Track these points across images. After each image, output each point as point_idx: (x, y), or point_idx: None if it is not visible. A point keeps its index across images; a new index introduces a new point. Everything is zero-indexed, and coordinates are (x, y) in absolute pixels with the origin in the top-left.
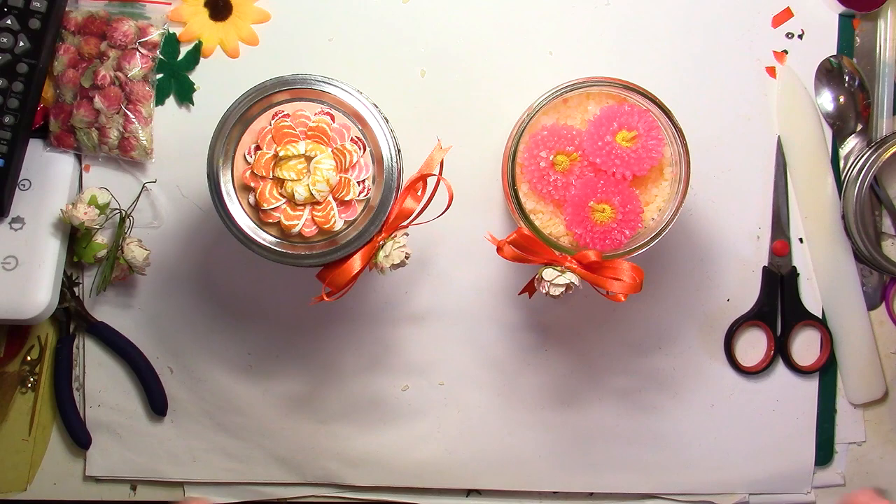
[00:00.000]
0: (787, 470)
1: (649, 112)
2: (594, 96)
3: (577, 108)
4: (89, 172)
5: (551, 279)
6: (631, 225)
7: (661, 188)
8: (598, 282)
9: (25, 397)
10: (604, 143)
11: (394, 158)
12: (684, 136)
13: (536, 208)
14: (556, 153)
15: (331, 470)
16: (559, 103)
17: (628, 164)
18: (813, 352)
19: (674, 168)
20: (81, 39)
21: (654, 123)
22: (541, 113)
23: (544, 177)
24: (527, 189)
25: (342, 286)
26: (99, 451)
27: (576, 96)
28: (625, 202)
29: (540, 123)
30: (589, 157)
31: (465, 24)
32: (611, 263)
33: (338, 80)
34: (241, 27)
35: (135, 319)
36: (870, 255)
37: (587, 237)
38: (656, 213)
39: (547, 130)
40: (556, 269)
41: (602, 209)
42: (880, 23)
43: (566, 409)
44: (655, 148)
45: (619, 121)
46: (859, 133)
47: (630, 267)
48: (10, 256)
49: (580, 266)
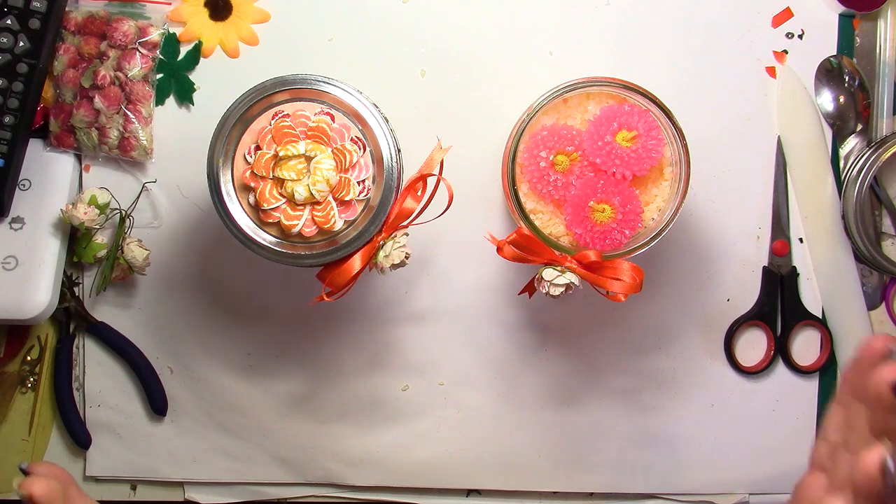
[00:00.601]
0: (787, 470)
1: (649, 112)
2: (594, 96)
3: (577, 108)
4: (89, 172)
5: (551, 279)
6: (631, 225)
7: (661, 188)
8: (598, 282)
9: (25, 397)
10: (604, 142)
11: (394, 158)
12: (684, 136)
13: (536, 208)
14: (556, 153)
15: (331, 470)
16: (559, 103)
17: (628, 164)
18: (813, 352)
19: (674, 168)
20: (81, 39)
21: (655, 123)
22: (541, 113)
23: (544, 177)
24: (527, 189)
25: (342, 286)
26: (99, 451)
27: (576, 96)
28: (625, 202)
29: (540, 123)
30: (589, 157)
31: (465, 24)
32: (611, 263)
33: (338, 80)
34: (241, 27)
35: (135, 319)
36: (870, 255)
37: (587, 237)
38: (656, 213)
39: (547, 130)
40: (556, 269)
41: (602, 209)
42: (880, 23)
43: (566, 409)
44: (655, 148)
45: (620, 121)
46: (859, 133)
47: (630, 267)
48: (10, 256)
49: (580, 266)
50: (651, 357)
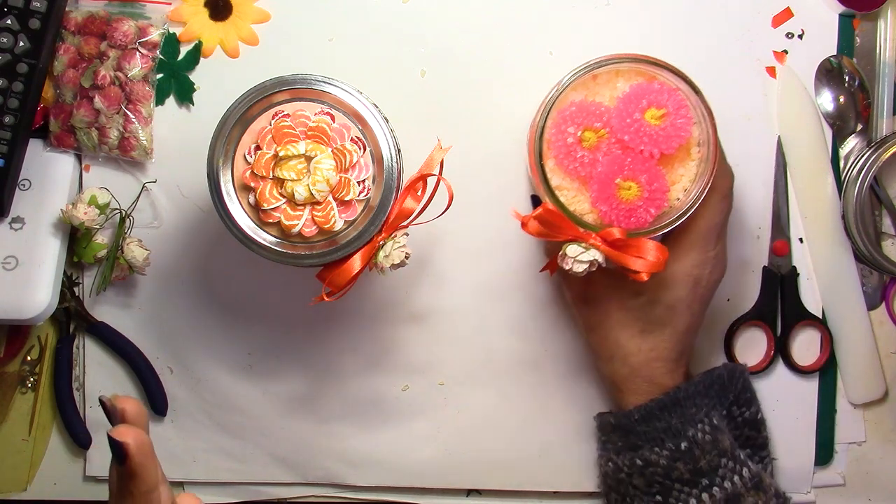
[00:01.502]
0: (787, 470)
1: (679, 90)
2: (623, 73)
3: (606, 84)
4: (89, 172)
5: (575, 255)
6: (657, 203)
7: (687, 168)
8: (622, 259)
9: (25, 397)
10: (632, 119)
11: (394, 158)
12: (713, 116)
13: (562, 185)
14: (583, 129)
15: (331, 470)
16: (588, 79)
17: (656, 142)
18: (813, 352)
19: (701, 148)
20: (81, 39)
21: (684, 102)
22: (570, 89)
23: (571, 153)
24: (552, 165)
25: (342, 286)
26: (99, 451)
27: (605, 73)
28: (651, 180)
29: (568, 99)
30: (617, 134)
31: (465, 24)
32: (635, 242)
33: (338, 80)
34: (241, 27)
35: (135, 319)
36: (870, 255)
37: (612, 214)
38: (681, 193)
39: (575, 106)
40: (581, 245)
41: (628, 187)
42: (880, 23)
43: (566, 409)
44: (684, 127)
45: (649, 98)
46: (859, 133)
47: (655, 246)
48: (10, 256)
49: (604, 243)
50: None
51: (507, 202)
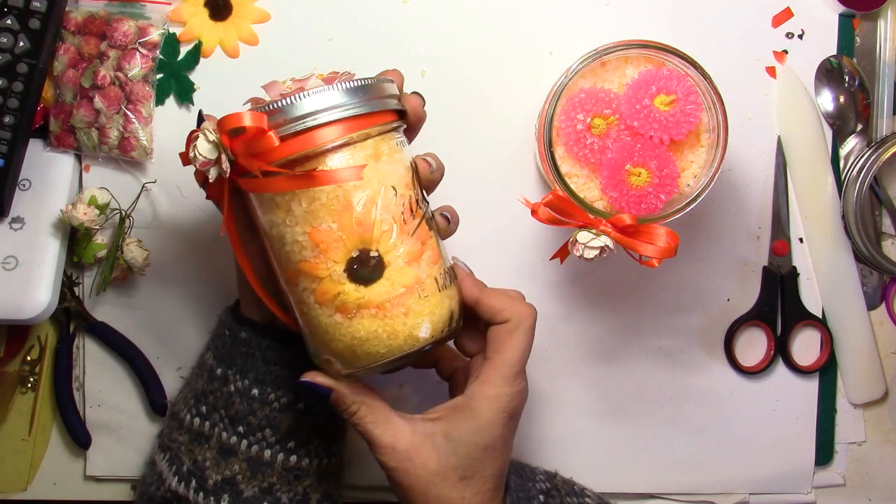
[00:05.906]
0: (787, 470)
1: (688, 76)
2: (632, 60)
3: (615, 71)
4: (89, 172)
5: (586, 242)
6: (667, 190)
7: (697, 154)
8: (633, 245)
9: (25, 397)
10: (642, 106)
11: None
12: (723, 102)
13: (571, 172)
14: (593, 116)
15: None
16: (597, 66)
17: (666, 128)
18: (813, 352)
19: (711, 134)
20: (81, 39)
21: (693, 88)
22: (578, 76)
23: (581, 139)
24: (562, 152)
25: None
26: (99, 450)
27: (614, 59)
28: (661, 166)
29: (577, 86)
30: (626, 121)
31: (465, 24)
32: (646, 228)
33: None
34: (241, 27)
35: (135, 319)
36: (870, 255)
37: (622, 201)
38: (692, 180)
39: (584, 93)
40: (591, 231)
41: (638, 173)
42: (880, 23)
43: (564, 412)
44: (694, 112)
45: (658, 84)
46: (859, 133)
47: (666, 232)
48: (10, 256)
49: (615, 229)
50: (651, 357)
51: (506, 201)
